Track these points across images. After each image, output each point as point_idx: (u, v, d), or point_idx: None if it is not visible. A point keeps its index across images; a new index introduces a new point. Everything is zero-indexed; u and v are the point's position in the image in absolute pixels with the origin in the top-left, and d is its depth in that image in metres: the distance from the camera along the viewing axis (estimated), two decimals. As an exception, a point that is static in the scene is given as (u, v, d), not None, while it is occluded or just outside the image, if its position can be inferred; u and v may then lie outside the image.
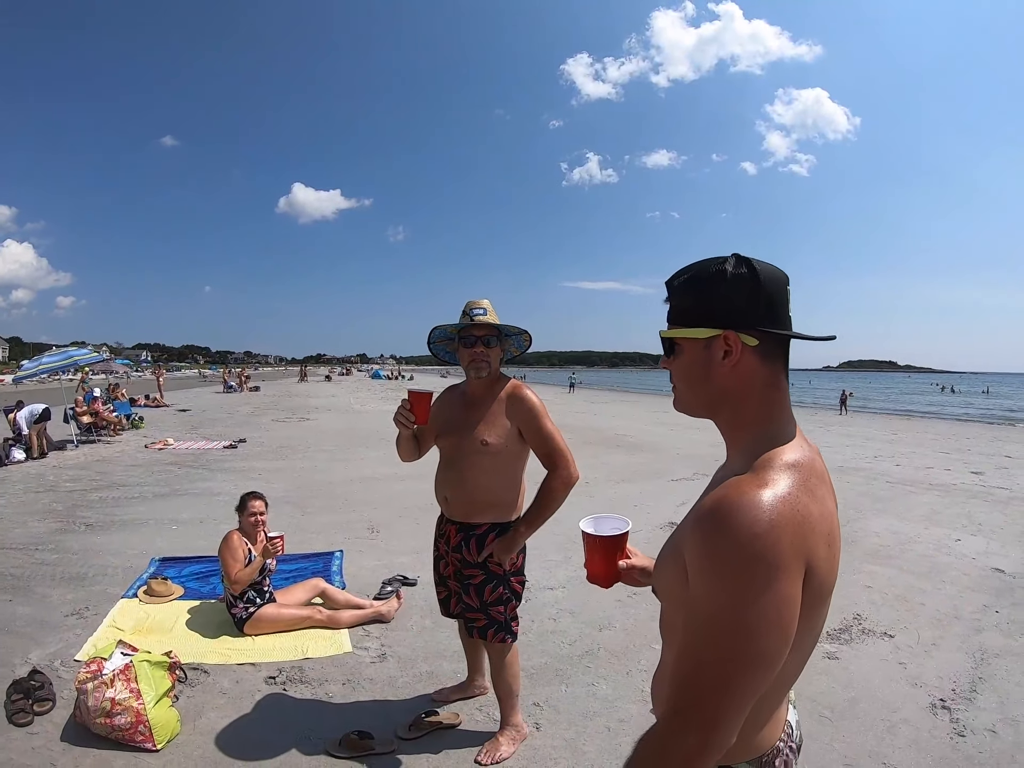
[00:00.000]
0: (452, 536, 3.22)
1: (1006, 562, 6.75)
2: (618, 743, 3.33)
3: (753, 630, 1.03)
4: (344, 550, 6.24)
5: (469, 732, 3.39)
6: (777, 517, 1.06)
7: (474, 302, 3.15)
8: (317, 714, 3.53)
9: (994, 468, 13.92)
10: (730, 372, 1.22)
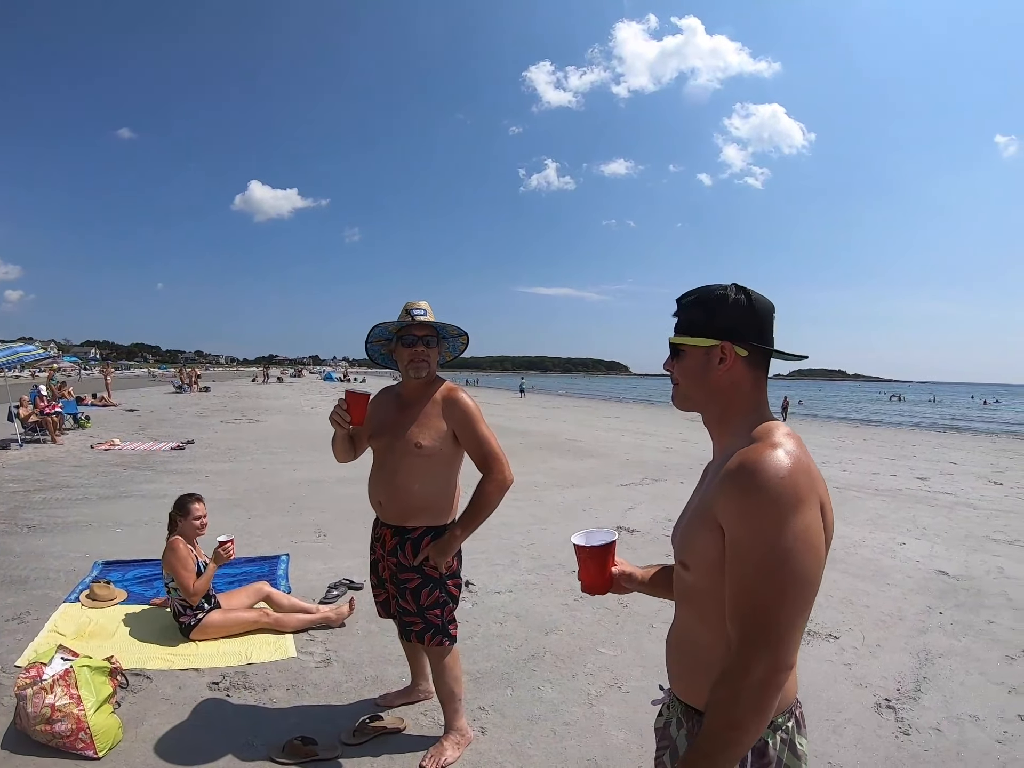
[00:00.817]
0: (387, 539, 3.18)
1: (950, 565, 6.90)
2: (563, 746, 3.33)
3: (793, 553, 1.26)
4: (290, 554, 6.16)
5: (414, 737, 3.36)
6: (793, 463, 1.33)
7: (414, 303, 3.12)
8: (261, 720, 3.46)
9: (939, 474, 14.27)
10: (723, 375, 1.51)
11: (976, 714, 3.84)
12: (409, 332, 3.09)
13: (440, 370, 3.25)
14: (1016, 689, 4.18)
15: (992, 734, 3.65)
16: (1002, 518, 9.63)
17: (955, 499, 11.03)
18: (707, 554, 1.40)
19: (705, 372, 1.53)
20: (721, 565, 1.36)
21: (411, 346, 3.08)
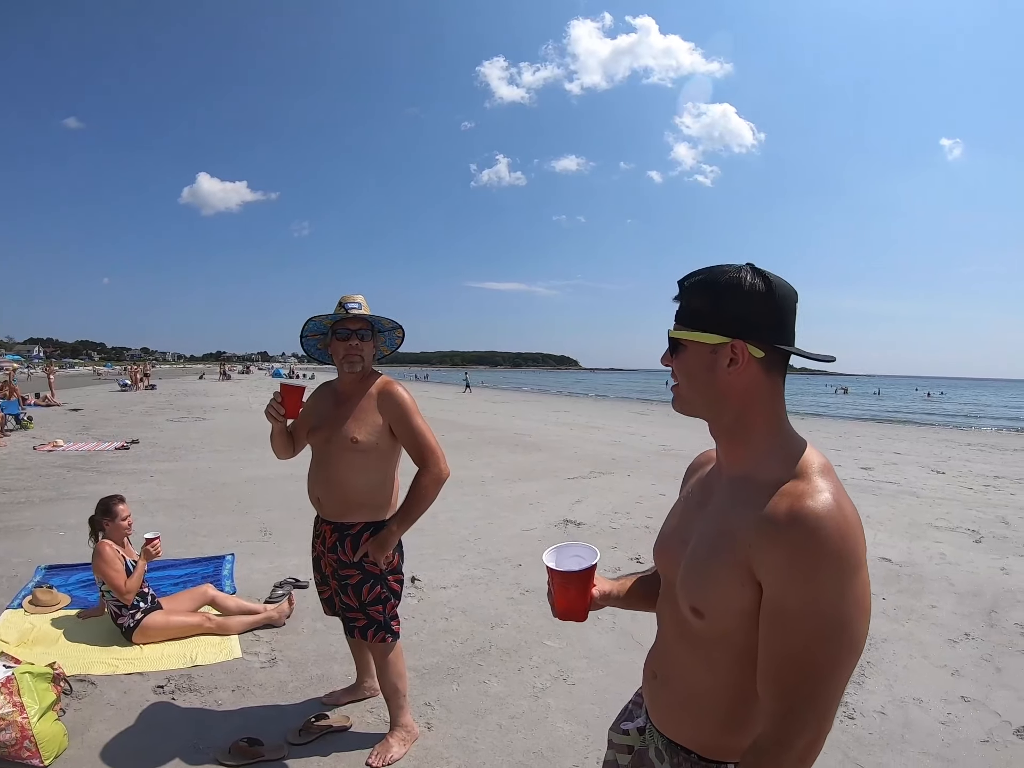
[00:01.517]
0: (328, 536, 3.17)
1: (893, 552, 7.03)
2: (509, 740, 3.35)
3: (851, 621, 1.12)
4: (236, 553, 6.07)
5: (360, 734, 3.35)
6: (851, 517, 1.14)
7: (349, 296, 3.11)
8: (207, 722, 3.42)
9: (883, 464, 14.52)
10: (733, 379, 1.26)
11: (920, 697, 3.93)
12: (343, 326, 3.07)
13: (390, 365, 3.23)
14: (959, 671, 4.28)
15: (936, 716, 3.74)
16: (944, 506, 9.86)
17: (899, 488, 11.26)
18: (732, 606, 1.21)
19: (711, 374, 1.27)
20: (747, 618, 1.20)
21: (345, 340, 3.06)
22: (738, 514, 1.23)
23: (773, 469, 1.23)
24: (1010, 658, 4.52)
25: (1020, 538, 7.99)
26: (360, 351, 3.07)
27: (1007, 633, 4.96)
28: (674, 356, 1.33)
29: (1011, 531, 8.35)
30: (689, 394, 1.33)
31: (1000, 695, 4.00)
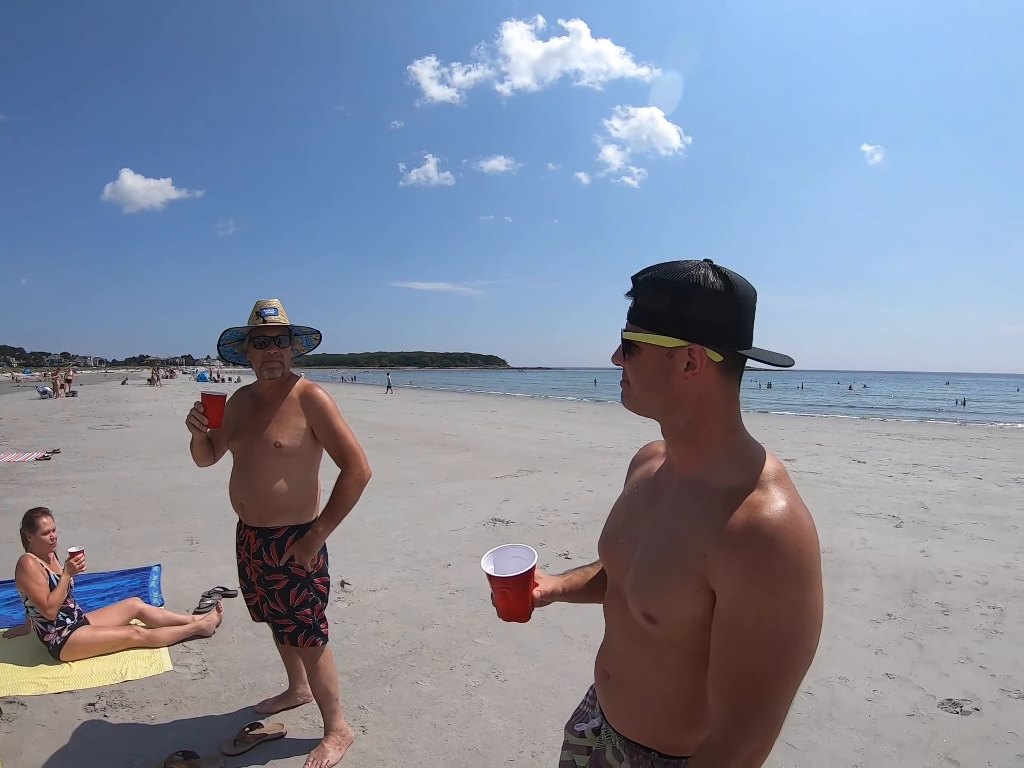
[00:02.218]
0: (252, 542, 3.14)
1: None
2: (444, 738, 3.36)
3: (807, 635, 1.10)
4: (162, 564, 5.94)
5: (295, 741, 3.32)
6: (807, 529, 1.12)
7: (264, 301, 3.08)
8: (141, 738, 3.34)
9: (805, 455, 14.89)
10: (689, 383, 1.21)
11: (846, 676, 4.07)
12: (261, 333, 3.04)
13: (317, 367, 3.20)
14: (882, 650, 4.46)
15: (862, 693, 3.88)
16: (865, 493, 10.20)
17: (820, 478, 11.59)
18: (684, 613, 1.19)
19: (666, 378, 1.22)
20: (700, 625, 1.18)
21: (263, 347, 3.04)
22: (692, 521, 1.20)
23: (729, 476, 1.20)
24: (931, 635, 4.71)
25: (938, 522, 8.32)
26: (280, 358, 3.06)
27: (928, 612, 5.16)
28: (627, 357, 1.26)
29: (930, 515, 8.69)
30: (642, 396, 1.27)
31: (923, 671, 4.17)
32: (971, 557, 6.73)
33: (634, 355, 1.24)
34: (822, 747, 3.37)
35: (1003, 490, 10.75)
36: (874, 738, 3.44)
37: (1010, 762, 3.26)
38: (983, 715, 3.68)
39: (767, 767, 3.17)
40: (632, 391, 1.28)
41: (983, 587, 5.80)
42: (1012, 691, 3.94)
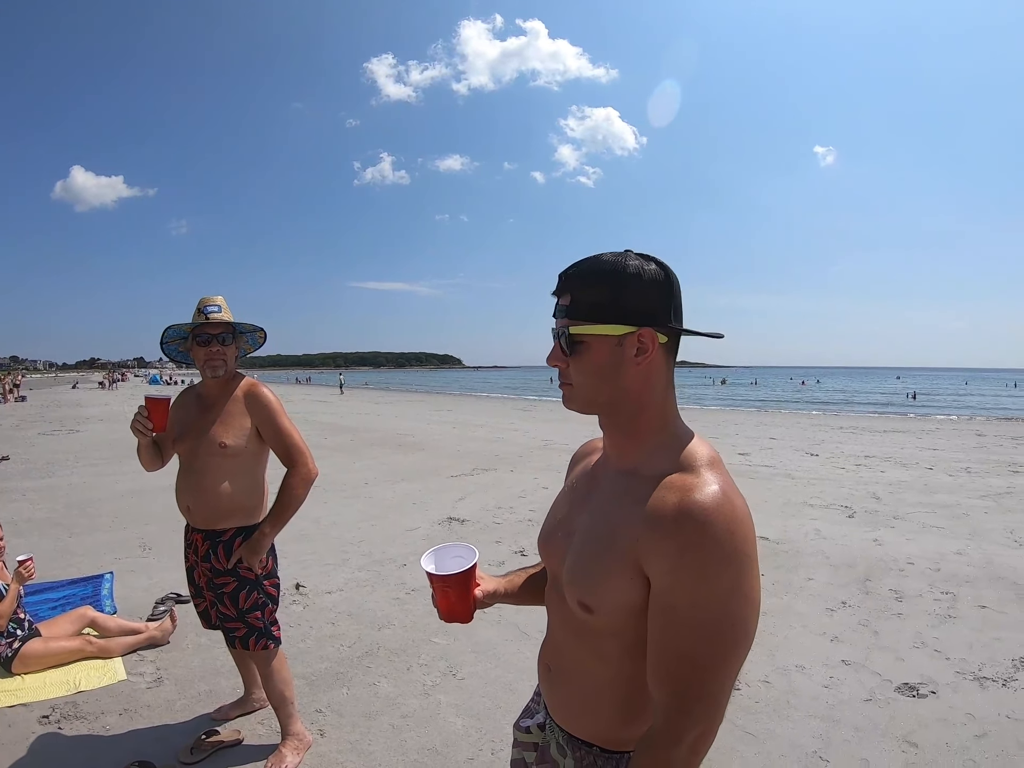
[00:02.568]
0: (199, 545, 3.09)
1: (770, 531, 7.33)
2: (403, 739, 3.35)
3: (743, 617, 1.10)
4: (115, 571, 5.81)
5: (253, 747, 3.29)
6: (740, 511, 1.11)
7: (208, 299, 3.03)
8: (96, 749, 3.27)
9: (759, 449, 15.12)
10: (639, 369, 1.20)
11: (802, 664, 4.13)
12: (204, 331, 3.00)
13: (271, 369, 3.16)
14: (838, 637, 4.53)
15: (819, 680, 3.95)
16: (818, 485, 10.39)
17: (774, 471, 11.77)
18: (620, 601, 1.17)
19: (618, 368, 1.20)
20: (636, 612, 1.16)
21: (206, 345, 2.99)
22: (625, 508, 1.18)
23: (661, 462, 1.19)
24: (886, 621, 4.81)
25: (890, 511, 8.52)
26: (223, 355, 3.02)
27: (882, 599, 5.27)
28: (572, 354, 1.22)
29: (882, 505, 8.89)
30: (591, 392, 1.24)
31: (879, 656, 4.25)
32: (923, 545, 6.88)
33: (580, 351, 1.21)
34: (781, 735, 3.40)
35: (953, 479, 11.01)
36: (833, 724, 3.50)
37: (968, 742, 3.33)
38: (939, 698, 3.76)
39: (728, 758, 3.22)
40: (578, 389, 1.25)
41: (935, 573, 5.93)
42: (967, 673, 4.03)
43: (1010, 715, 3.57)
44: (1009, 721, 3.52)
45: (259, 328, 3.19)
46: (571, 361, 1.23)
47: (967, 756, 3.22)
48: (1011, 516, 8.27)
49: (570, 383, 1.25)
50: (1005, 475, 11.46)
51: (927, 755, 3.24)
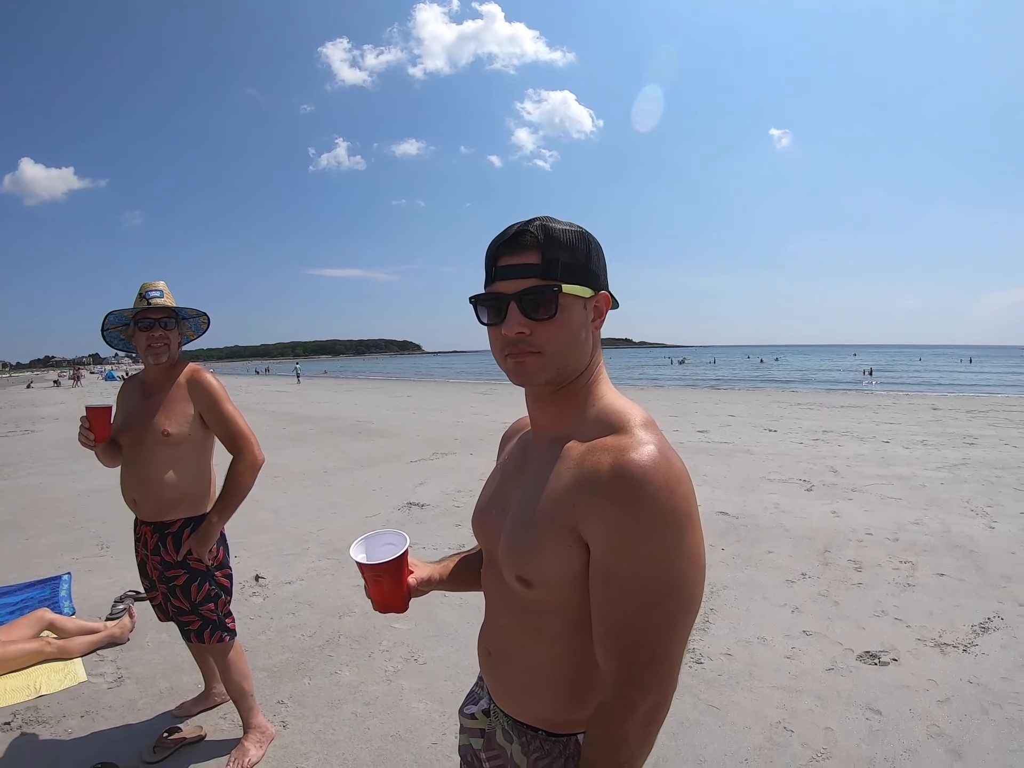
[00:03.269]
0: (148, 538, 3.04)
1: (729, 506, 7.44)
2: (366, 726, 3.35)
3: (685, 578, 1.05)
4: (73, 572, 5.71)
5: (216, 742, 3.26)
6: (678, 470, 1.06)
7: (149, 284, 2.97)
8: (60, 754, 3.22)
9: (718, 426, 15.28)
10: (594, 336, 1.21)
11: (764, 636, 4.19)
12: (146, 315, 2.93)
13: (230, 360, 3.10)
14: (798, 608, 4.59)
15: (780, 651, 4.00)
16: (777, 460, 10.53)
17: (733, 447, 11.91)
18: (559, 571, 1.13)
19: (586, 331, 1.18)
20: (577, 583, 1.13)
21: (148, 330, 2.92)
22: (559, 475, 1.14)
23: (595, 427, 1.16)
24: (846, 592, 4.89)
25: (848, 484, 8.66)
26: (165, 340, 2.95)
27: (841, 569, 5.36)
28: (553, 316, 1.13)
29: (839, 478, 9.02)
30: (562, 360, 1.17)
31: (840, 626, 4.32)
32: (881, 516, 7.00)
33: (559, 314, 1.14)
34: (745, 706, 3.44)
35: (909, 452, 11.22)
36: (796, 694, 3.55)
37: (932, 707, 3.39)
38: (901, 665, 3.82)
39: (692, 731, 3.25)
40: (552, 358, 1.16)
41: (894, 543, 6.04)
42: (928, 640, 4.10)
43: (971, 680, 3.64)
44: (971, 686, 3.58)
45: (202, 313, 3.13)
46: (546, 326, 1.14)
47: (930, 721, 3.27)
48: (967, 486, 8.45)
49: (536, 351, 1.15)
50: (960, 447, 11.68)
51: (891, 721, 3.28)
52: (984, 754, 3.02)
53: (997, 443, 12.18)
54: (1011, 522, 6.70)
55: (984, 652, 3.95)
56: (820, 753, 3.06)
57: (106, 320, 3.01)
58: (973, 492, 8.10)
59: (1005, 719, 3.27)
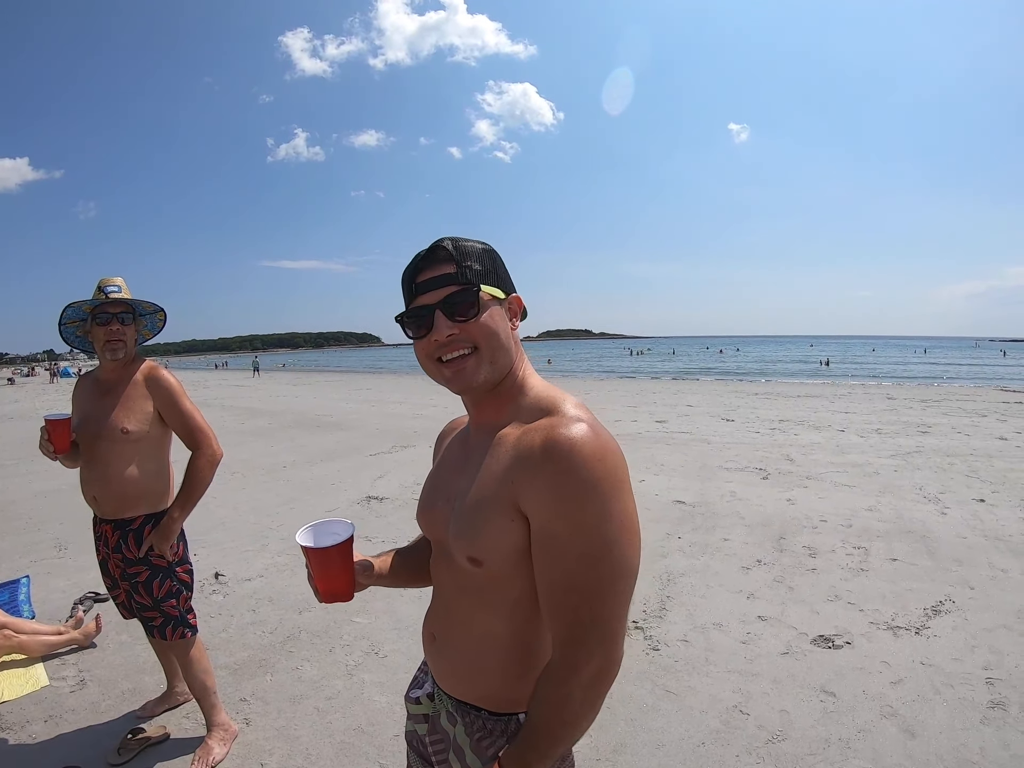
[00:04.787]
0: (109, 536, 3.04)
1: (686, 495, 7.56)
2: (328, 720, 3.38)
3: (617, 541, 1.11)
4: (31, 575, 5.59)
5: (180, 741, 3.27)
6: (606, 441, 1.14)
7: (107, 279, 2.97)
8: (23, 760, 3.18)
9: (676, 416, 15.49)
10: (514, 334, 1.30)
11: (720, 622, 4.28)
12: (103, 310, 2.93)
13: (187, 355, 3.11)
14: (754, 594, 4.69)
15: (736, 636, 4.09)
16: (734, 449, 10.70)
17: (691, 437, 12.09)
18: (505, 546, 1.19)
19: (508, 332, 1.28)
20: (523, 555, 1.19)
21: (105, 324, 2.92)
22: (499, 458, 1.22)
23: (529, 412, 1.25)
24: (800, 577, 5.01)
25: (803, 472, 8.84)
26: (122, 336, 2.95)
27: (796, 555, 5.49)
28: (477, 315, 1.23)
29: (795, 467, 9.22)
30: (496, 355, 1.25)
31: (794, 610, 4.43)
32: (835, 503, 7.17)
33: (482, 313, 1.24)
34: (701, 691, 3.52)
35: (864, 440, 11.49)
36: (751, 677, 3.63)
37: (885, 689, 3.48)
38: (855, 648, 3.92)
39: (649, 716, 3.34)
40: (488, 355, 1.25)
41: (848, 529, 6.19)
42: (881, 623, 4.22)
43: (924, 661, 3.74)
44: (923, 667, 3.68)
45: (159, 308, 3.12)
46: (473, 324, 1.23)
47: (884, 702, 3.36)
48: (920, 473, 8.68)
49: (471, 348, 1.24)
50: (914, 435, 11.98)
51: (845, 703, 3.37)
52: (936, 733, 3.12)
53: (950, 431, 12.49)
54: (962, 508, 6.89)
55: (936, 634, 4.06)
56: (776, 735, 3.14)
57: (64, 313, 2.98)
58: (926, 479, 8.31)
59: (957, 699, 3.37)
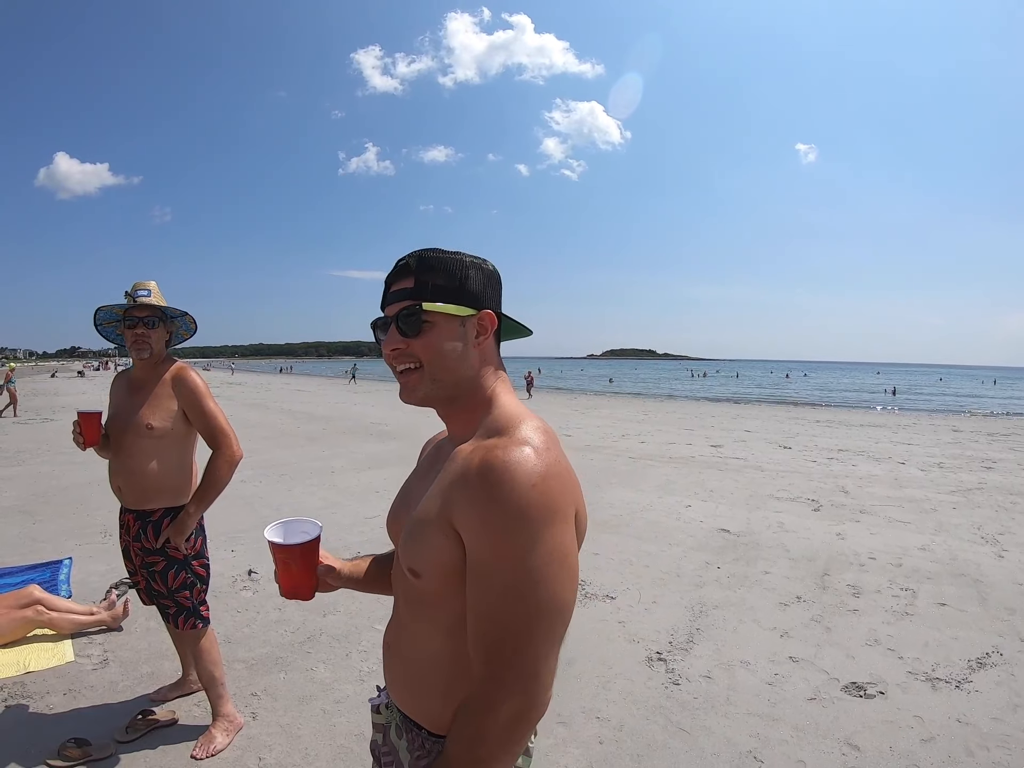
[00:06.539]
0: (131, 525, 3.17)
1: (732, 523, 7.32)
2: (332, 723, 3.40)
3: (545, 576, 1.05)
4: (74, 557, 5.84)
5: (187, 727, 3.34)
6: (546, 468, 1.08)
7: (140, 283, 3.10)
8: (39, 727, 3.32)
9: (732, 441, 15.13)
10: (479, 350, 1.26)
11: (747, 659, 4.06)
12: (131, 313, 3.06)
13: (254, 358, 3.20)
14: (788, 633, 4.44)
15: (763, 677, 3.86)
16: (787, 478, 10.31)
17: (744, 463, 11.78)
18: (442, 562, 1.15)
19: (464, 348, 1.25)
20: (459, 574, 1.14)
21: (132, 327, 3.06)
22: (446, 473, 1.20)
23: (485, 430, 1.21)
24: (840, 618, 4.72)
25: (857, 505, 8.47)
26: (147, 338, 3.07)
27: (838, 594, 5.20)
28: (419, 334, 1.23)
29: (849, 499, 8.83)
30: (439, 374, 1.24)
31: (829, 653, 4.16)
32: (887, 539, 6.81)
33: (427, 332, 1.23)
34: (717, 732, 3.31)
35: (924, 474, 10.96)
36: (772, 722, 3.40)
37: (914, 746, 3.20)
38: (888, 698, 3.64)
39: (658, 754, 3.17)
40: (428, 369, 1.25)
41: (897, 569, 5.86)
42: (919, 674, 3.91)
43: (960, 719, 3.44)
44: (959, 725, 3.38)
45: (185, 312, 3.23)
46: (417, 342, 1.23)
47: (911, 760, 3.10)
48: (979, 512, 8.19)
49: (415, 365, 1.25)
50: (977, 471, 11.40)
51: (868, 758, 3.11)
52: (963, 800, 2.86)
53: (1015, 468, 11.88)
54: (1021, 551, 6.45)
55: (977, 689, 3.75)
56: (788, 787, 2.95)
57: (96, 315, 3.16)
58: (985, 518, 7.86)
59: (991, 762, 3.08)
